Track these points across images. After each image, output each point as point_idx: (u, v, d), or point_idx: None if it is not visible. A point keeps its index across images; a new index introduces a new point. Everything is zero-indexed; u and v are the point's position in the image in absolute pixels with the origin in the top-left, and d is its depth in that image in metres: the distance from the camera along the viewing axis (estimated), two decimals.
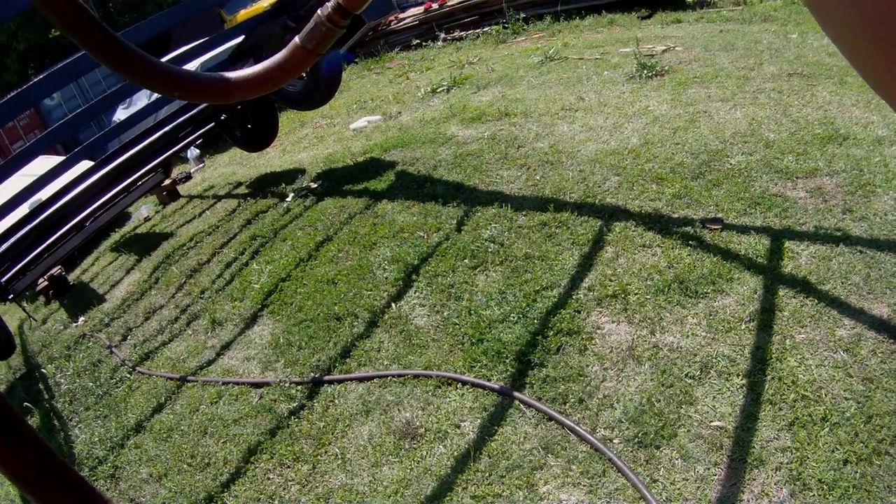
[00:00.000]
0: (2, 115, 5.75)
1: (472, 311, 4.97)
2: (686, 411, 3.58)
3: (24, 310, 9.78)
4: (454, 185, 7.01)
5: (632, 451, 3.48)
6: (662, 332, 4.15)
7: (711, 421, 3.48)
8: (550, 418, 3.82)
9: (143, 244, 11.00)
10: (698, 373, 3.78)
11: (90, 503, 0.87)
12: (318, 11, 2.22)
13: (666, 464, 3.35)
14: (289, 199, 8.98)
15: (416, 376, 4.61)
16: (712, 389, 3.66)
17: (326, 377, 5.05)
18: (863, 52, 0.63)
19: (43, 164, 9.06)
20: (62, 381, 7.39)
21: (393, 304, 5.50)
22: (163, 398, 5.93)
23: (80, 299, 10.21)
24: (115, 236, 12.76)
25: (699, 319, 4.16)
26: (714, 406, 3.56)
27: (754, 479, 3.13)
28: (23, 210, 7.63)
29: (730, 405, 3.54)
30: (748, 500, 3.06)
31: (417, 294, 5.51)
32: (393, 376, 4.72)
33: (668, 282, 4.49)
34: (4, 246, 7.45)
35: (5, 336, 7.81)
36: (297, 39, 2.23)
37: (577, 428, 3.65)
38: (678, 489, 3.21)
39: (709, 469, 3.25)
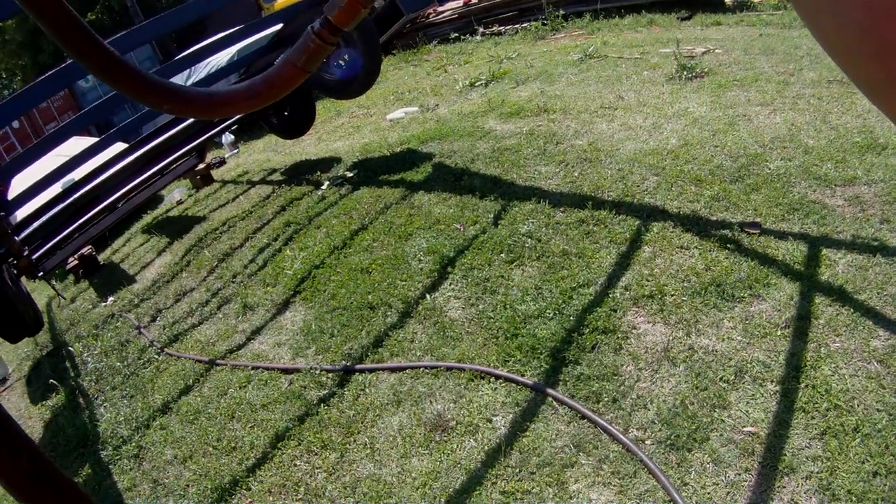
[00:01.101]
0: (36, 96, 5.77)
1: (508, 306, 4.95)
2: (719, 415, 3.55)
3: (53, 287, 9.83)
4: (492, 179, 6.98)
5: (663, 454, 3.45)
6: (698, 335, 4.12)
7: (744, 426, 3.45)
8: (583, 416, 3.80)
9: (175, 227, 11.05)
10: (733, 377, 3.75)
11: None
12: (309, 28, 2.23)
13: (697, 467, 3.32)
14: (324, 186, 8.99)
15: (448, 368, 4.60)
16: (746, 394, 3.63)
17: (358, 366, 5.04)
18: (858, 65, 0.63)
19: (76, 144, 9.09)
20: (89, 359, 7.43)
21: (427, 296, 5.49)
22: (191, 380, 5.94)
23: (109, 279, 10.28)
24: (147, 218, 12.84)
25: (735, 323, 4.12)
26: (747, 411, 3.52)
27: (784, 487, 3.10)
28: (55, 189, 7.65)
29: (763, 411, 3.50)
30: None
31: (452, 286, 5.50)
32: (425, 367, 4.70)
33: (705, 284, 4.46)
34: (36, 224, 7.47)
35: (34, 313, 7.84)
36: (286, 55, 2.23)
37: (610, 427, 3.63)
38: (708, 493, 3.18)
39: (740, 475, 3.22)
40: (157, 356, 6.75)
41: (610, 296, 4.67)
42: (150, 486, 4.92)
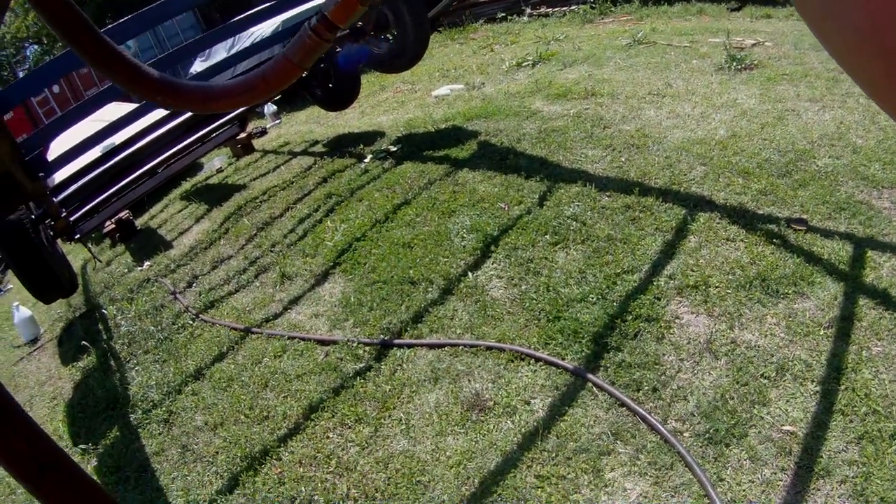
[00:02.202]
0: (75, 59, 5.78)
1: (551, 288, 4.92)
2: (758, 412, 3.52)
3: (89, 250, 9.89)
4: (538, 160, 6.93)
5: (701, 447, 3.43)
6: (741, 329, 4.08)
7: (783, 425, 3.42)
8: (622, 404, 3.78)
9: (214, 194, 11.07)
10: (774, 374, 3.71)
11: (84, 492, 0.86)
12: (305, 24, 2.21)
13: (734, 463, 3.30)
14: (367, 160, 8.97)
15: (488, 348, 4.58)
16: (786, 392, 3.60)
17: (396, 340, 5.03)
18: (861, 67, 0.63)
19: (116, 109, 9.11)
20: (122, 322, 7.47)
21: (469, 274, 5.47)
22: (225, 347, 5.96)
23: (146, 244, 10.33)
24: (186, 185, 12.88)
25: (778, 320, 4.08)
26: (786, 410, 3.49)
27: (819, 490, 3.07)
28: (95, 153, 7.67)
29: (802, 411, 3.47)
30: None
31: (495, 265, 5.48)
32: (465, 346, 4.69)
33: (749, 278, 4.41)
34: (74, 186, 7.50)
35: (69, 274, 7.87)
36: (283, 51, 2.23)
37: (649, 417, 3.61)
38: (744, 490, 3.16)
39: (776, 473, 3.20)
40: (191, 322, 6.78)
41: (654, 284, 4.64)
42: (178, 452, 4.95)
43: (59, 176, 7.47)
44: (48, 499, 0.83)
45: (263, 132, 14.29)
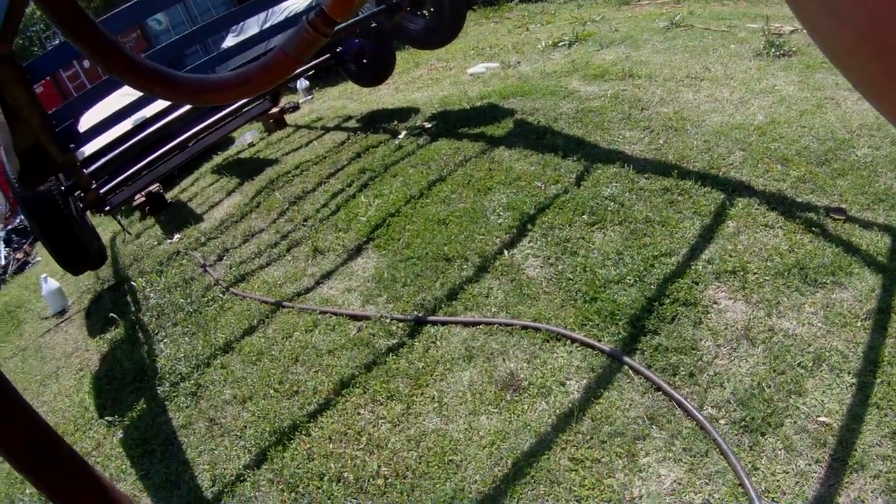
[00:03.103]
0: (113, 28, 5.78)
1: (588, 269, 4.89)
2: (795, 402, 3.48)
3: (119, 223, 9.84)
4: (575, 140, 6.88)
5: (736, 435, 3.40)
6: (779, 317, 4.04)
7: (818, 416, 3.38)
8: (658, 388, 3.76)
9: (245, 168, 11.09)
10: (811, 364, 3.67)
11: (84, 481, 0.84)
12: (304, 18, 2.19)
13: (769, 453, 3.27)
14: (401, 136, 8.93)
15: (524, 327, 4.55)
16: (822, 383, 3.56)
17: (430, 317, 5.02)
18: (857, 67, 0.62)
19: None
20: (151, 295, 7.50)
21: (505, 252, 5.44)
22: (255, 321, 5.97)
23: (176, 217, 10.36)
24: (218, 159, 12.89)
25: (816, 309, 4.03)
26: (822, 401, 3.45)
27: (852, 483, 3.04)
28: (126, 126, 7.66)
29: (837, 402, 3.43)
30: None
31: (531, 244, 5.44)
32: (500, 325, 4.66)
33: (788, 266, 4.36)
34: (105, 159, 7.49)
35: (98, 246, 7.88)
36: (280, 45, 2.21)
37: (686, 403, 3.58)
38: (777, 481, 3.13)
39: (810, 465, 3.17)
40: (221, 295, 6.79)
41: (692, 268, 4.60)
42: (205, 425, 4.96)
43: (90, 148, 7.48)
44: (49, 489, 0.81)
45: (296, 107, 14.26)
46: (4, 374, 0.96)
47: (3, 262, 14.58)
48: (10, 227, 16.89)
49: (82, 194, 7.40)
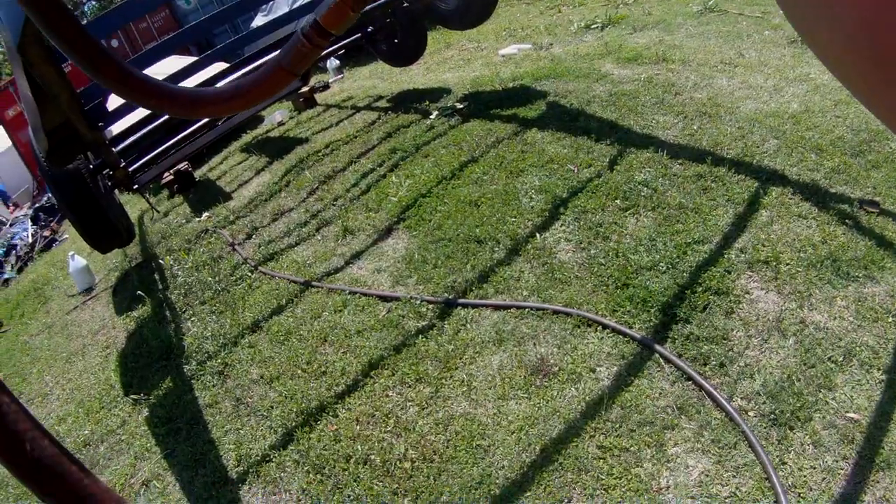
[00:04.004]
0: (135, 9, 5.80)
1: (620, 254, 4.87)
2: (824, 396, 3.45)
3: (147, 201, 9.91)
4: (608, 123, 6.83)
5: (765, 428, 3.37)
6: (810, 309, 3.99)
7: (847, 411, 3.35)
8: (689, 378, 3.74)
9: (275, 147, 11.09)
10: (841, 358, 3.63)
11: (89, 497, 0.82)
12: (298, 30, 2.18)
13: (797, 447, 3.24)
14: (433, 116, 8.91)
15: (555, 312, 4.53)
16: (852, 378, 3.52)
17: (461, 300, 5.01)
18: (853, 75, 0.61)
19: (176, 63, 9.11)
20: (179, 273, 7.53)
21: (537, 235, 5.41)
22: (284, 300, 5.97)
23: (204, 196, 10.39)
24: (247, 137, 12.90)
25: (848, 303, 3.98)
26: (852, 396, 3.41)
27: (878, 482, 3.01)
28: None
29: (866, 398, 3.39)
30: (868, 503, 2.94)
31: (563, 228, 5.41)
32: (531, 308, 4.64)
33: (821, 257, 4.31)
34: (133, 137, 7.51)
35: (126, 224, 7.90)
36: (275, 57, 2.21)
37: (716, 393, 3.56)
38: (804, 477, 3.11)
39: (837, 462, 3.14)
40: (250, 274, 6.81)
41: (725, 256, 4.55)
42: (232, 404, 4.98)
43: (118, 127, 7.49)
44: (55, 499, 0.81)
45: (326, 86, 14.27)
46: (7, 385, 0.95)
47: (30, 240, 14.68)
48: (37, 205, 17.05)
49: (111, 172, 7.41)
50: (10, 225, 17.18)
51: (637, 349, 4.06)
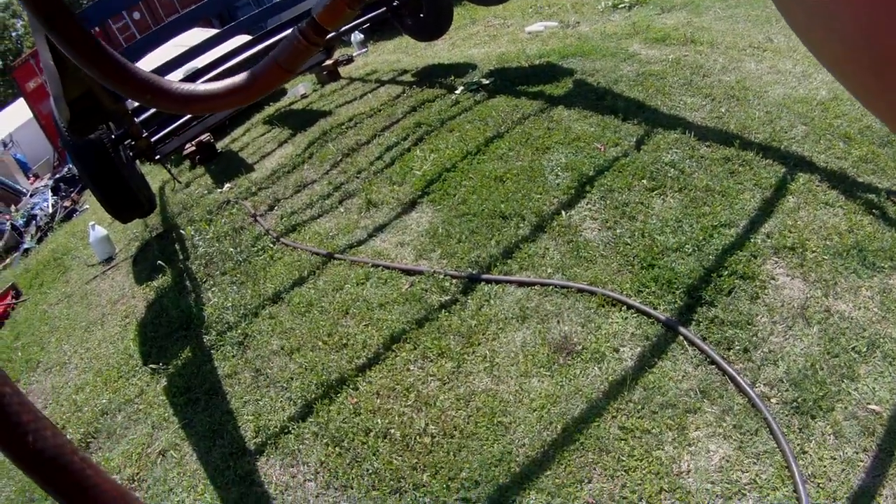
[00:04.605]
0: None
1: (646, 234, 4.84)
2: (847, 387, 3.42)
3: (169, 171, 9.96)
4: (635, 103, 6.79)
5: (787, 416, 3.36)
6: (835, 298, 3.96)
7: (869, 403, 3.32)
8: (712, 362, 3.72)
9: (298, 119, 11.08)
10: (865, 349, 3.60)
11: (91, 488, 0.82)
12: (294, 27, 2.18)
13: (818, 437, 3.22)
14: (458, 91, 8.89)
15: (580, 290, 4.52)
16: (875, 370, 3.49)
17: (484, 275, 5.00)
18: (852, 76, 0.62)
19: (199, 35, 9.11)
20: (200, 243, 7.55)
21: (563, 212, 5.39)
22: (305, 272, 5.99)
23: (226, 167, 10.43)
24: (269, 110, 12.93)
25: (873, 293, 3.94)
26: (874, 388, 3.39)
27: None
28: (177, 76, 7.67)
29: (888, 391, 3.37)
30: (887, 497, 2.92)
31: (589, 206, 5.39)
32: (556, 286, 4.63)
33: (847, 247, 4.26)
34: (152, 110, 7.51)
35: (147, 194, 7.93)
36: (272, 54, 2.21)
37: (739, 378, 3.54)
38: (824, 467, 3.09)
39: (857, 454, 3.12)
40: (272, 245, 6.82)
41: (751, 241, 4.52)
42: (251, 375, 5.00)
43: None
44: (57, 490, 0.80)
45: (350, 60, 14.29)
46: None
47: (50, 211, 14.77)
48: (57, 175, 17.15)
49: (132, 143, 7.43)
50: (31, 195, 17.36)
51: (661, 331, 4.04)
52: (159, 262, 7.55)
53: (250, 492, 4.08)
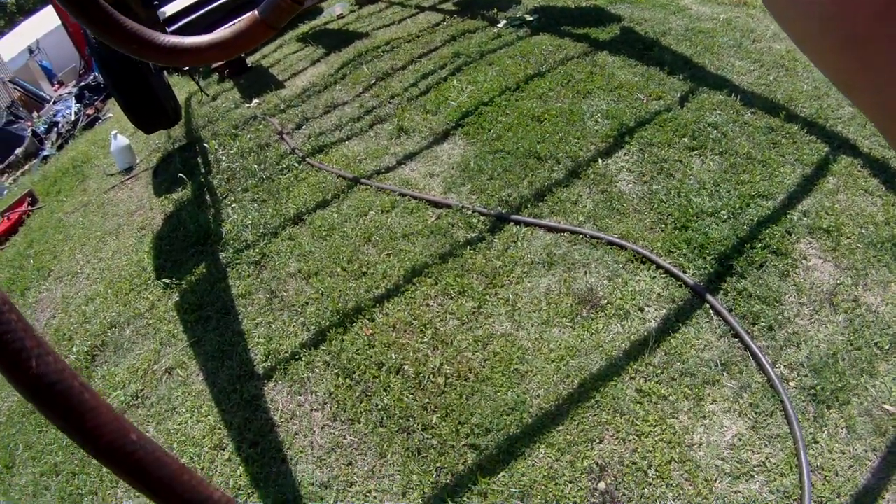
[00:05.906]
0: None
1: (682, 194, 4.77)
2: (865, 382, 3.38)
3: (196, 83, 9.91)
4: (682, 58, 6.68)
5: (804, 402, 3.33)
6: (865, 289, 3.89)
7: (884, 402, 3.29)
8: (736, 335, 3.68)
9: (332, 39, 10.96)
10: (887, 346, 3.54)
11: (89, 412, 0.80)
12: None
13: (831, 429, 3.20)
14: (500, 24, 8.77)
15: (610, 243, 4.48)
16: (894, 370, 3.44)
17: (514, 216, 4.94)
18: (826, 56, 0.58)
19: None
20: (223, 158, 7.52)
21: (599, 160, 5.32)
22: (330, 195, 5.93)
23: (256, 82, 10.29)
24: (304, 27, 12.78)
25: None
26: (892, 388, 3.34)
27: None
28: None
29: None
30: (889, 501, 2.90)
31: (627, 157, 5.32)
32: (586, 235, 4.58)
33: (882, 238, 4.18)
34: (188, 18, 7.45)
35: (174, 105, 7.88)
36: (256, 11, 2.17)
37: (761, 356, 3.51)
38: (833, 461, 3.07)
39: (867, 452, 3.09)
40: (297, 164, 6.76)
41: (787, 216, 4.44)
42: (265, 297, 4.97)
43: (173, 7, 7.43)
44: (64, 421, 0.78)
45: None
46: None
47: (73, 118, 14.76)
48: (83, 83, 17.12)
49: None
50: (54, 102, 17.34)
51: (688, 295, 4.00)
52: (180, 174, 7.53)
53: (255, 417, 4.09)
